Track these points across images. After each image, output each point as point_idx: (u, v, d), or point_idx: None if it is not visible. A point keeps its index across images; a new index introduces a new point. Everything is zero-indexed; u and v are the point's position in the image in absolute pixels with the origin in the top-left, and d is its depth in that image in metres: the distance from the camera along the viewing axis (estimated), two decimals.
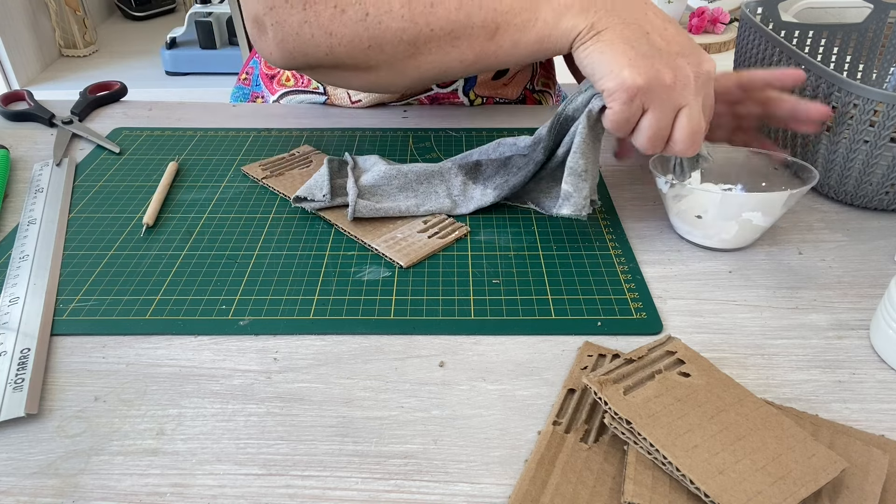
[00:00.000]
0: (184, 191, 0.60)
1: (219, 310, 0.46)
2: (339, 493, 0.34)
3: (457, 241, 0.53)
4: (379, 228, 0.53)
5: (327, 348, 0.43)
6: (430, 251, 0.51)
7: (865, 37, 0.72)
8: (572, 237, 0.54)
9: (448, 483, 0.35)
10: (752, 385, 0.40)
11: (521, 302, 0.47)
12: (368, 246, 0.52)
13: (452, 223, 0.54)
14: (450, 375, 0.41)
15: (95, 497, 0.34)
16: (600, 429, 0.37)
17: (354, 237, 0.53)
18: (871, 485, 0.33)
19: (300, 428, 0.38)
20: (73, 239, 0.54)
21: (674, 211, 0.52)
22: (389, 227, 0.53)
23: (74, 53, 1.32)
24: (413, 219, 0.55)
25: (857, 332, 0.45)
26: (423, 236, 0.52)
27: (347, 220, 0.54)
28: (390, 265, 0.50)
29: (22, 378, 0.40)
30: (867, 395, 0.40)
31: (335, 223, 0.54)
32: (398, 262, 0.50)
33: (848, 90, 0.52)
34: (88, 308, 0.46)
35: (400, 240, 0.52)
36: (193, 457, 0.36)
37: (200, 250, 0.52)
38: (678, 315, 0.46)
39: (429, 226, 0.54)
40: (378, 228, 0.53)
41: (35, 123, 0.73)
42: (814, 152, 0.58)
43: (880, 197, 0.56)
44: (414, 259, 0.50)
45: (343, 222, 0.54)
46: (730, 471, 0.32)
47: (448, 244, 0.52)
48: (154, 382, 0.41)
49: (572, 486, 0.34)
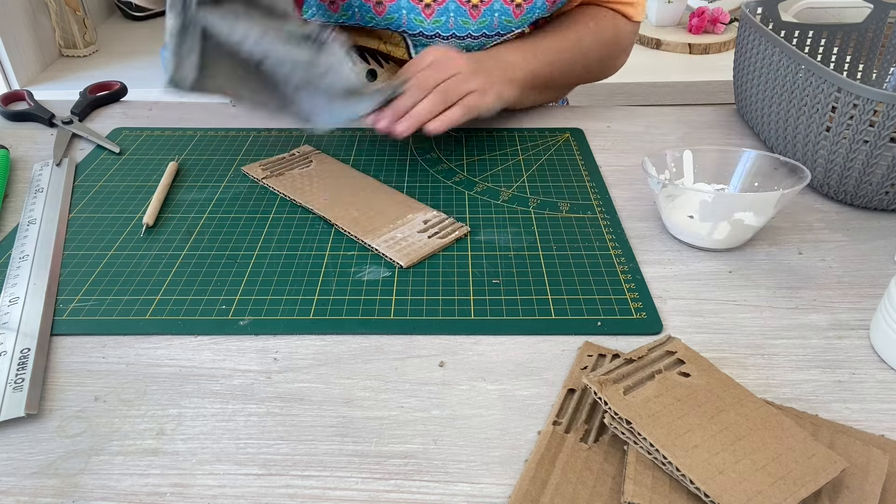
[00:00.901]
0: (184, 191, 0.60)
1: (219, 310, 0.46)
2: (339, 493, 0.34)
3: (456, 241, 0.53)
4: (379, 228, 0.53)
5: (327, 348, 0.43)
6: (431, 251, 0.51)
7: (865, 37, 0.72)
8: (572, 237, 0.54)
9: (448, 483, 0.35)
10: (752, 385, 0.40)
11: (521, 302, 0.47)
12: (368, 246, 0.52)
13: (453, 223, 0.54)
14: (450, 375, 0.41)
15: (95, 497, 0.34)
16: (600, 429, 0.37)
17: (354, 237, 0.53)
18: (871, 485, 0.33)
19: (300, 428, 0.38)
20: (73, 239, 0.54)
21: (666, 211, 0.53)
22: (389, 227, 0.53)
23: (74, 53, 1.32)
24: (413, 219, 0.55)
25: (857, 332, 0.45)
26: (423, 236, 0.52)
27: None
28: (390, 265, 0.50)
29: (22, 378, 0.40)
30: (867, 395, 0.40)
31: (335, 223, 0.54)
32: (398, 262, 0.50)
33: (848, 90, 0.52)
34: (88, 308, 0.46)
35: (400, 240, 0.52)
36: (193, 457, 0.36)
37: (200, 250, 0.52)
38: (678, 315, 0.46)
39: (429, 226, 0.54)
40: (378, 228, 0.53)
41: (35, 123, 0.73)
42: (814, 152, 0.58)
43: (880, 197, 0.56)
44: (414, 259, 0.50)
45: (343, 222, 0.54)
46: (730, 471, 0.32)
47: (448, 244, 0.52)
48: (154, 382, 0.41)
49: (572, 486, 0.34)
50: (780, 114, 0.62)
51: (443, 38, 0.68)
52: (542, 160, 0.65)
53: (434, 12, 0.66)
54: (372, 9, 0.66)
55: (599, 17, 0.74)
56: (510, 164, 0.65)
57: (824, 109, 0.55)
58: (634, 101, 1.24)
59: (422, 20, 0.66)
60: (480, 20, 0.67)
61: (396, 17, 0.66)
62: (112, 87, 0.79)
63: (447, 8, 0.66)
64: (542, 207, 0.58)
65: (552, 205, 0.58)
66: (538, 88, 0.71)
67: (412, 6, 0.66)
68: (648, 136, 0.70)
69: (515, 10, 0.67)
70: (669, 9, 1.41)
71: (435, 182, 0.61)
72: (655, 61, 1.33)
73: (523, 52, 0.68)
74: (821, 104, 0.55)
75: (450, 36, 0.68)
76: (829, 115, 0.55)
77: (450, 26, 0.67)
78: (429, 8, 0.65)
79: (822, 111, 0.55)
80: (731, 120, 0.74)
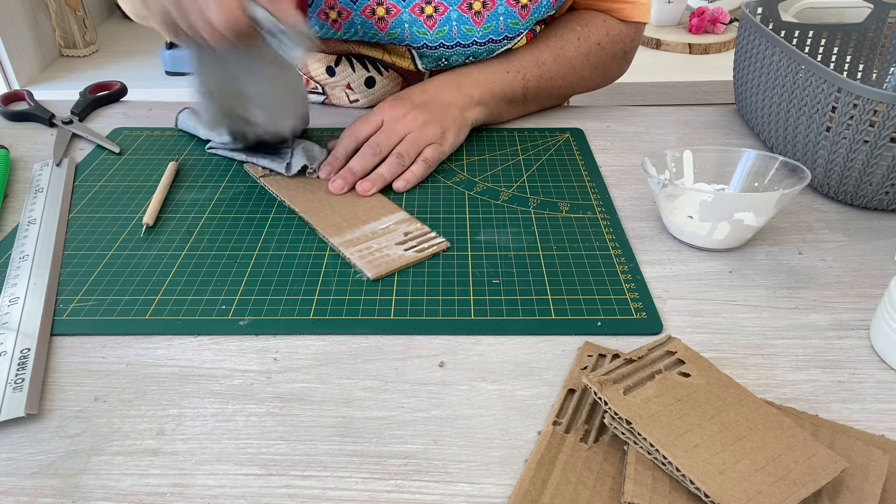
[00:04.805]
0: (184, 191, 0.60)
1: (219, 310, 0.46)
2: (339, 493, 0.34)
3: (448, 245, 0.52)
4: (357, 237, 0.52)
5: (327, 348, 0.43)
6: (403, 265, 0.50)
7: (865, 37, 0.72)
8: (572, 237, 0.54)
9: (448, 483, 0.35)
10: (752, 385, 0.40)
11: (521, 302, 0.47)
12: (341, 254, 0.51)
13: (433, 237, 0.53)
14: (450, 375, 0.41)
15: (95, 497, 0.34)
16: (600, 429, 0.37)
17: (332, 245, 0.52)
18: (871, 485, 0.33)
19: (300, 428, 0.38)
20: (73, 239, 0.54)
21: (666, 211, 0.53)
22: (368, 237, 0.52)
23: (74, 53, 1.32)
24: (396, 230, 0.53)
25: (857, 332, 0.45)
26: (399, 249, 0.51)
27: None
28: None
29: (22, 378, 0.40)
30: (867, 395, 0.40)
31: (315, 227, 0.54)
32: (366, 273, 0.49)
33: (848, 90, 0.52)
34: (88, 308, 0.46)
35: (375, 250, 0.51)
36: (193, 457, 0.36)
37: (200, 250, 0.52)
38: (678, 315, 0.46)
39: (408, 238, 0.53)
40: (356, 237, 0.52)
41: (35, 123, 0.73)
42: (814, 152, 0.58)
43: (880, 197, 0.56)
44: (383, 272, 0.49)
45: (323, 227, 0.53)
46: (730, 471, 0.32)
47: (423, 259, 0.51)
48: (154, 382, 0.41)
49: (572, 486, 0.34)
50: (780, 114, 0.62)
51: (447, 47, 0.67)
52: (542, 160, 0.65)
53: (436, 23, 0.66)
54: (374, 25, 0.66)
55: (588, 21, 0.72)
56: (510, 164, 0.65)
57: (824, 109, 0.55)
58: (634, 101, 1.24)
59: (425, 32, 0.66)
60: (485, 25, 0.66)
61: (399, 32, 0.66)
62: (112, 87, 0.79)
63: (449, 17, 0.65)
64: (542, 207, 0.58)
65: (552, 205, 0.58)
66: (516, 102, 0.70)
67: (414, 19, 0.65)
68: (648, 136, 0.70)
69: (521, 11, 0.66)
70: (669, 9, 1.41)
71: (435, 182, 0.61)
72: (655, 61, 1.33)
73: (491, 69, 0.68)
74: (821, 104, 0.55)
75: (455, 45, 0.67)
76: (829, 115, 0.55)
77: (454, 35, 0.66)
78: (431, 19, 0.65)
79: (822, 111, 0.55)
80: (731, 120, 0.74)
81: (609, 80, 0.78)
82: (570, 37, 0.71)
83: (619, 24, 0.73)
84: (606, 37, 0.72)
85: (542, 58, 0.70)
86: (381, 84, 0.74)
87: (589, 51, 0.72)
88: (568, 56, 0.71)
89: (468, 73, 0.67)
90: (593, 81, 0.76)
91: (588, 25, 0.72)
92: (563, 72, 0.71)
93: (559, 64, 0.70)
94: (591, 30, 0.72)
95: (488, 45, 0.67)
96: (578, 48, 0.71)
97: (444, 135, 0.63)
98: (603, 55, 0.73)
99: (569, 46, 0.71)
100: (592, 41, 0.72)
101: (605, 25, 0.72)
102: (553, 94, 0.73)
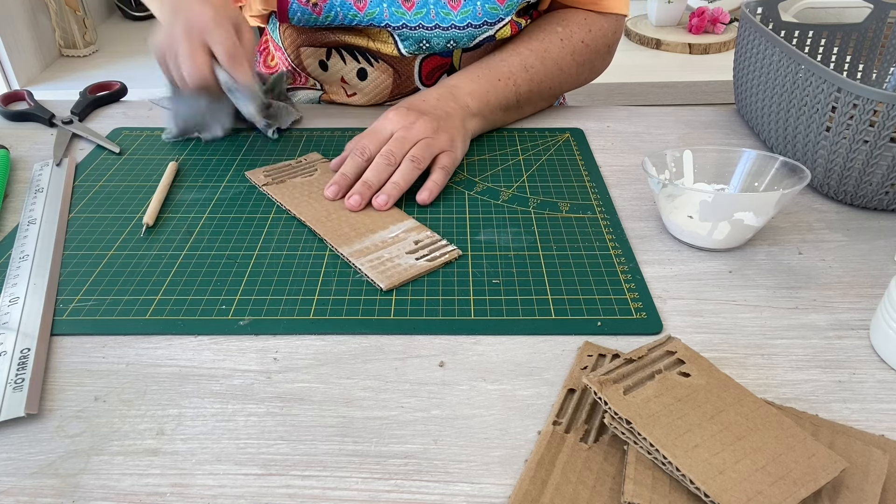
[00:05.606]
0: (184, 191, 0.60)
1: (219, 310, 0.46)
2: (339, 493, 0.34)
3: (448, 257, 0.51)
4: (367, 247, 0.51)
5: (327, 348, 0.43)
6: (416, 274, 0.49)
7: (865, 37, 0.72)
8: (572, 237, 0.54)
9: (448, 483, 0.35)
10: (752, 385, 0.40)
11: (521, 302, 0.47)
12: (352, 265, 0.50)
13: (444, 245, 0.52)
14: (450, 375, 0.41)
15: (95, 497, 0.34)
16: (600, 429, 0.37)
17: (340, 254, 0.51)
18: (871, 485, 0.33)
19: (300, 428, 0.38)
20: (73, 239, 0.54)
21: (666, 211, 0.53)
22: (378, 246, 0.52)
23: (74, 53, 1.32)
24: (405, 238, 0.53)
25: (857, 332, 0.45)
26: (410, 258, 0.50)
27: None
28: None
29: (22, 378, 0.40)
30: (867, 395, 0.40)
31: (324, 238, 0.53)
32: (379, 284, 0.48)
33: (848, 90, 0.52)
34: (88, 308, 0.46)
35: (386, 260, 0.50)
36: (193, 457, 0.36)
37: (200, 250, 0.52)
38: (678, 315, 0.46)
39: (419, 246, 0.52)
40: (366, 247, 0.51)
41: (35, 123, 0.73)
42: (814, 152, 0.58)
43: (880, 197, 0.56)
44: (396, 282, 0.48)
45: (332, 237, 0.53)
46: (730, 471, 0.32)
47: (435, 268, 0.50)
48: (154, 382, 0.41)
49: (572, 486, 0.34)
50: (779, 114, 0.62)
51: (427, 29, 0.67)
52: (542, 160, 0.65)
53: (414, 4, 0.66)
54: (353, 6, 0.66)
55: (570, 21, 0.73)
56: (510, 164, 0.65)
57: (824, 109, 0.55)
58: (634, 101, 1.24)
59: (403, 12, 0.66)
60: (462, 10, 0.67)
61: (378, 12, 0.67)
62: (112, 87, 0.79)
63: (426, 0, 0.66)
64: (542, 207, 0.58)
65: (552, 205, 0.58)
66: (511, 108, 0.71)
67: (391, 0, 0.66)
68: (648, 136, 0.71)
69: None
70: (669, 9, 1.41)
71: None
72: (655, 61, 1.33)
73: (484, 80, 0.68)
74: (821, 104, 0.55)
75: (434, 27, 0.67)
76: (829, 115, 0.55)
77: (431, 17, 0.66)
78: (408, 1, 0.66)
79: (822, 111, 0.55)
80: (731, 120, 0.74)
81: (595, 75, 0.79)
82: (552, 39, 0.71)
83: (601, 20, 0.74)
84: (589, 34, 0.73)
85: (529, 62, 0.70)
86: (373, 75, 0.75)
87: (574, 49, 0.72)
88: (554, 57, 0.71)
89: (461, 85, 0.67)
90: (581, 78, 0.76)
91: (569, 25, 0.73)
92: (552, 73, 0.72)
93: (546, 66, 0.71)
94: (573, 29, 0.72)
95: (468, 29, 0.68)
96: (563, 48, 0.72)
97: (454, 143, 0.62)
98: (588, 52, 0.74)
99: (553, 48, 0.71)
100: (576, 40, 0.72)
101: (587, 23, 0.73)
102: (544, 96, 0.74)
